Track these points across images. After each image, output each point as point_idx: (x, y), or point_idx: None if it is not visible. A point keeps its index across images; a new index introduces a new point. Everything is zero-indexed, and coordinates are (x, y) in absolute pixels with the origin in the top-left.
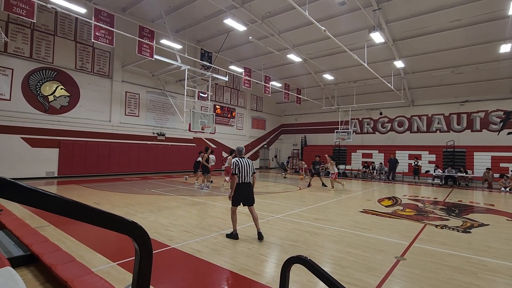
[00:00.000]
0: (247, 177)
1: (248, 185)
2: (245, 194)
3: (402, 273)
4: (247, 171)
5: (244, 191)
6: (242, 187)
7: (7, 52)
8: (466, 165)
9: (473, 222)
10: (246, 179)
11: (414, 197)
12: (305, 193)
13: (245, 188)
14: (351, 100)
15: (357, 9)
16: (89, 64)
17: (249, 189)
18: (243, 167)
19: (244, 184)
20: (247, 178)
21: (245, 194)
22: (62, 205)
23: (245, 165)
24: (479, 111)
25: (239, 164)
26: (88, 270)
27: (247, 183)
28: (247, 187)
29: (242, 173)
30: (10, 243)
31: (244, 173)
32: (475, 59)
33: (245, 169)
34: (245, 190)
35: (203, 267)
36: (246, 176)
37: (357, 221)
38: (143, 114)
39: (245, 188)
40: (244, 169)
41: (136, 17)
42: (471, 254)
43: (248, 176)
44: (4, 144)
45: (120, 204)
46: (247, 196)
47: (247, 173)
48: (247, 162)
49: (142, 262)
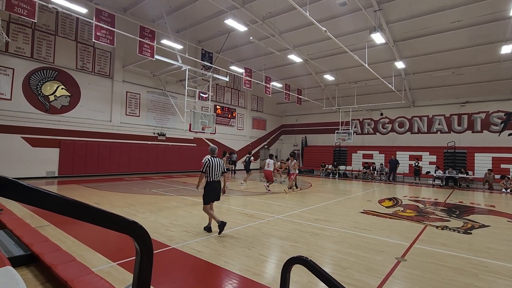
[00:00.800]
0: (217, 175)
1: (218, 183)
2: (214, 192)
3: (403, 274)
4: (217, 170)
5: (215, 189)
6: (212, 185)
7: (8, 51)
8: (467, 166)
9: (474, 223)
10: (216, 178)
11: (414, 198)
12: (305, 194)
13: (215, 186)
14: (351, 101)
15: (358, 9)
16: (90, 64)
17: (218, 187)
18: (213, 166)
19: (214, 182)
20: (216, 177)
21: (214, 192)
22: (63, 205)
23: (215, 165)
24: (480, 112)
25: (210, 163)
26: (88, 270)
27: (217, 181)
28: (217, 185)
29: (211, 172)
30: (10, 242)
31: (214, 172)
32: (476, 60)
33: (215, 168)
34: (215, 188)
35: (203, 267)
36: (215, 175)
37: (358, 221)
38: (143, 114)
39: (215, 186)
40: (214, 168)
41: (137, 17)
42: (471, 255)
43: (218, 175)
44: (5, 143)
45: (120, 204)
46: (216, 193)
47: (217, 172)
48: (218, 162)
49: (142, 262)
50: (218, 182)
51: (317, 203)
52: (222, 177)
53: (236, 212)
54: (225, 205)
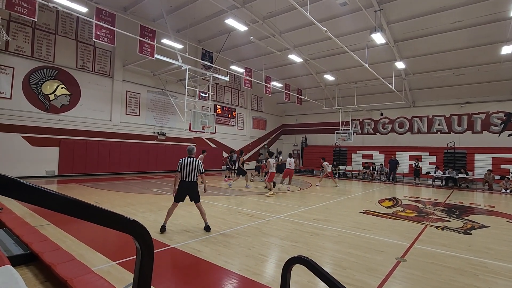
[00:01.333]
0: (190, 176)
1: (191, 183)
2: (187, 191)
3: (403, 274)
4: (190, 170)
5: (187, 188)
6: (185, 185)
7: (8, 50)
8: (467, 167)
9: (474, 224)
10: (189, 178)
11: (414, 198)
12: (305, 193)
13: (187, 186)
14: (352, 101)
15: (359, 9)
16: (90, 63)
17: (192, 187)
18: (185, 166)
19: (187, 182)
20: (190, 177)
21: (187, 191)
22: (64, 204)
23: (188, 165)
24: (480, 113)
25: (182, 163)
26: (88, 269)
27: (189, 181)
28: (189, 185)
29: (184, 172)
30: (10, 241)
31: (187, 172)
32: (476, 60)
33: (188, 168)
34: (187, 188)
35: (203, 267)
36: (188, 175)
37: (358, 221)
38: (143, 113)
39: (187, 186)
40: (187, 168)
41: (137, 16)
42: (471, 255)
43: (192, 175)
44: (5, 143)
45: (120, 204)
46: (190, 193)
47: (191, 172)
48: (191, 162)
49: (143, 261)
50: (191, 183)
51: (317, 203)
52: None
53: (236, 212)
54: (225, 204)
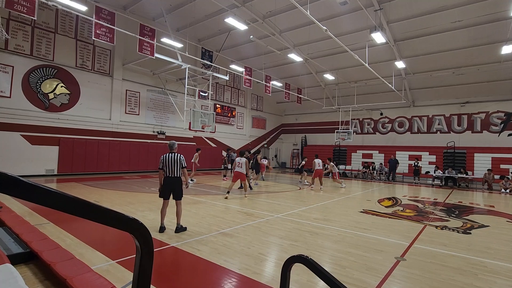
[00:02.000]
0: (173, 171)
1: (174, 179)
2: (170, 187)
3: (402, 274)
4: (172, 165)
5: (171, 184)
6: (168, 181)
7: (7, 49)
8: (466, 166)
9: (473, 223)
10: (172, 173)
11: (414, 197)
12: (305, 193)
13: (171, 182)
14: (351, 100)
15: (359, 9)
16: (90, 62)
17: (174, 183)
18: (166, 161)
19: (169, 178)
20: (172, 173)
21: (170, 187)
22: (64, 202)
23: (169, 160)
24: (480, 112)
25: (163, 159)
26: (87, 268)
27: (172, 177)
28: (172, 181)
29: (166, 168)
30: (9, 240)
31: (169, 168)
32: (476, 60)
33: (169, 164)
34: (171, 184)
35: (202, 266)
36: (171, 171)
37: (357, 221)
38: (143, 112)
39: (171, 182)
40: (168, 164)
41: (137, 15)
42: (471, 255)
43: (174, 171)
44: (4, 141)
45: (120, 203)
46: (173, 189)
47: (172, 167)
48: (172, 157)
49: (143, 260)
50: (174, 178)
51: (317, 203)
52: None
53: (236, 211)
54: (225, 204)
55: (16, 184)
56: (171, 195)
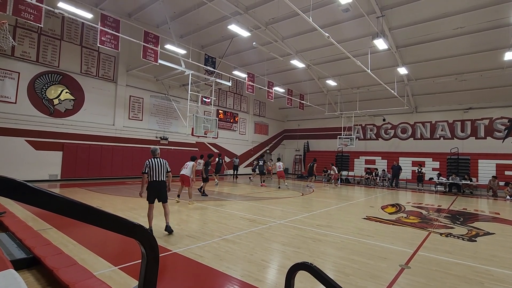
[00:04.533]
0: (159, 175)
1: (159, 183)
2: (156, 191)
3: (407, 282)
4: (158, 170)
5: (155, 188)
6: (154, 185)
7: (14, 56)
8: (471, 173)
9: (479, 231)
10: (158, 178)
11: (418, 204)
12: (307, 199)
13: (156, 186)
14: (354, 106)
15: (361, 16)
16: (94, 68)
17: (160, 187)
18: (153, 166)
19: (155, 182)
20: (158, 177)
21: (156, 191)
22: (71, 207)
23: (155, 165)
24: (483, 118)
25: (150, 164)
26: (90, 274)
27: (158, 181)
28: (158, 185)
29: (152, 172)
30: (13, 245)
31: (155, 172)
32: (479, 66)
33: (156, 168)
34: (156, 188)
35: (205, 272)
36: (157, 175)
37: (361, 228)
38: (146, 118)
39: (156, 186)
40: (155, 169)
41: (141, 22)
42: (476, 263)
43: (160, 175)
44: (9, 146)
45: (122, 208)
46: (159, 193)
47: (159, 172)
48: (158, 162)
49: (148, 266)
50: (160, 182)
51: (319, 209)
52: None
53: (238, 217)
54: (227, 209)
55: (22, 189)
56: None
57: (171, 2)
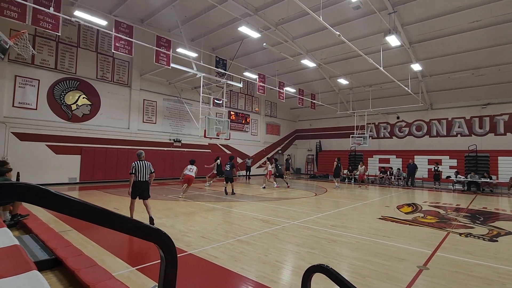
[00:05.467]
0: (143, 176)
1: (143, 182)
2: (140, 190)
3: (426, 284)
4: (143, 171)
5: (139, 187)
6: (138, 184)
7: (34, 64)
8: (490, 170)
9: (500, 230)
10: (142, 178)
11: (435, 203)
12: (321, 199)
13: (140, 185)
14: (366, 105)
15: (372, 12)
16: (109, 73)
17: (144, 186)
18: (139, 168)
19: (139, 182)
20: (142, 177)
21: (140, 190)
22: (92, 212)
23: (141, 167)
24: (503, 114)
25: (136, 166)
26: (109, 275)
27: (142, 181)
28: (142, 184)
29: (138, 173)
30: (36, 247)
31: (140, 173)
32: (497, 60)
33: (141, 170)
34: (140, 187)
35: (220, 273)
36: (142, 176)
37: (376, 228)
38: (160, 121)
39: (140, 185)
40: (140, 170)
41: (154, 27)
42: (498, 264)
43: (144, 176)
44: (31, 151)
45: (138, 210)
46: (142, 191)
47: (143, 173)
48: (143, 164)
49: (167, 269)
50: (143, 182)
51: (333, 209)
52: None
53: (251, 218)
54: (240, 210)
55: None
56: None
57: (182, 6)
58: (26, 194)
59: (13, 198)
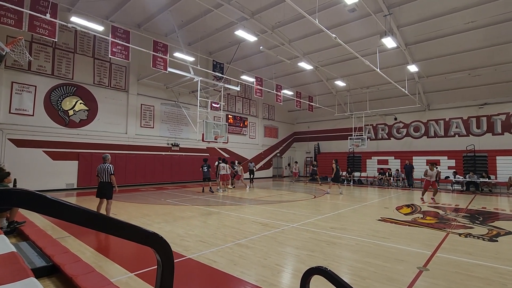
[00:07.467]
0: (104, 177)
1: (104, 183)
2: (101, 189)
3: (426, 285)
4: (104, 173)
5: (102, 187)
6: (101, 185)
7: (30, 70)
8: (489, 170)
9: (500, 230)
10: (103, 179)
11: (434, 204)
12: (320, 201)
13: (103, 185)
14: (364, 106)
15: (368, 15)
16: (107, 78)
17: (105, 186)
18: (100, 170)
19: (102, 183)
20: (104, 178)
21: (101, 189)
22: (89, 218)
23: (102, 169)
24: (500, 114)
25: (99, 168)
26: (107, 281)
27: (103, 182)
28: (103, 185)
29: (100, 175)
30: (33, 254)
31: (101, 175)
32: (493, 60)
33: (102, 172)
34: (102, 187)
35: (219, 277)
36: (103, 177)
37: (376, 229)
38: (157, 125)
39: (102, 185)
40: (101, 172)
41: (151, 32)
42: (499, 264)
43: (105, 177)
44: (28, 157)
45: (136, 215)
46: (103, 190)
47: (104, 175)
48: (104, 167)
49: (164, 273)
50: (104, 183)
51: (332, 211)
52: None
53: (251, 221)
54: (240, 214)
55: (43, 202)
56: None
57: (179, 11)
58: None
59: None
